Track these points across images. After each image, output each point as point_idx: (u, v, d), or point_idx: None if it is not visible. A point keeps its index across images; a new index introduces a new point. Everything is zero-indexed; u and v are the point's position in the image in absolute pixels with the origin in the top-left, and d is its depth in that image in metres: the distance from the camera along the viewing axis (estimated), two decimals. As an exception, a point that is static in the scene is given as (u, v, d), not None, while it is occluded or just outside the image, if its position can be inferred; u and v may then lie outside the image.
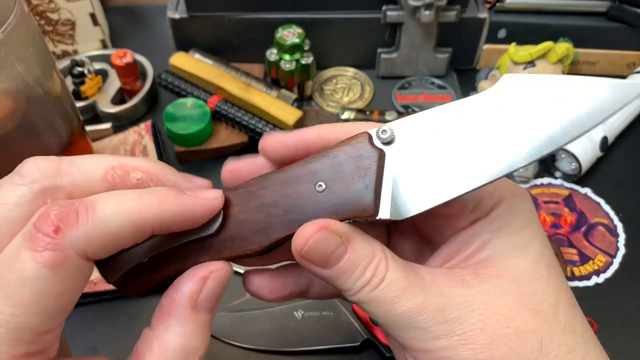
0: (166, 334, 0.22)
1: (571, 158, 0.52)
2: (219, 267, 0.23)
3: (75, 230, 0.19)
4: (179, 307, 0.22)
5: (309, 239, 0.22)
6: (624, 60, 0.61)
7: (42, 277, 0.19)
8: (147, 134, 0.54)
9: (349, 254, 0.23)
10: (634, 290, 0.46)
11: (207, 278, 0.23)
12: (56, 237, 0.19)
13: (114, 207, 0.20)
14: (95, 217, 0.20)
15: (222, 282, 0.23)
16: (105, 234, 0.20)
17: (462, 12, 0.58)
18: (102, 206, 0.20)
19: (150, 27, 0.69)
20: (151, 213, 0.21)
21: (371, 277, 0.23)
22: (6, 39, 0.29)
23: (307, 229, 0.22)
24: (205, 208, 0.23)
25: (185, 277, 0.23)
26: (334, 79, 0.62)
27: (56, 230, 0.19)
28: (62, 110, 0.35)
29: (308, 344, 0.41)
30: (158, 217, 0.21)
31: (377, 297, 0.23)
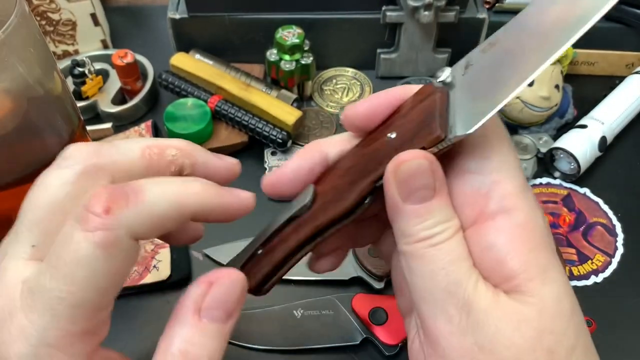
0: (169, 336, 0.22)
1: (570, 158, 0.52)
2: (225, 274, 0.23)
3: (125, 211, 0.20)
4: (183, 311, 0.23)
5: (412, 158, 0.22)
6: (623, 61, 0.61)
7: (95, 256, 0.20)
8: (147, 133, 0.54)
9: (433, 202, 0.22)
10: (633, 290, 0.46)
11: (213, 283, 0.23)
12: (107, 217, 0.20)
13: (160, 191, 0.22)
14: (143, 200, 0.21)
15: (228, 289, 0.23)
16: (152, 216, 0.21)
17: (462, 12, 0.58)
18: (149, 189, 0.21)
19: (150, 27, 0.70)
20: (193, 199, 0.22)
21: (437, 234, 0.22)
22: (7, 39, 0.29)
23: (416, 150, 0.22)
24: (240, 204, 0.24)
25: (195, 281, 0.23)
26: (333, 79, 0.62)
27: (107, 210, 0.20)
28: (62, 110, 0.36)
29: (307, 343, 0.41)
30: (199, 203, 0.23)
31: (430, 255, 0.22)
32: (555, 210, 0.51)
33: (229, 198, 0.24)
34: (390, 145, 0.24)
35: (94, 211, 0.20)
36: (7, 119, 0.32)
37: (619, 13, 0.59)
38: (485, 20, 0.59)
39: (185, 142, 0.26)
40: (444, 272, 0.22)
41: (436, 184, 0.22)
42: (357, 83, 0.62)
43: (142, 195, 0.21)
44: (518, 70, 0.22)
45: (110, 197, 0.20)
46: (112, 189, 0.21)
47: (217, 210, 0.24)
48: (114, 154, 0.23)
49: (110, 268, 0.20)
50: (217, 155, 0.27)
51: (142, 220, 0.21)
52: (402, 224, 0.23)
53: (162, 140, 0.25)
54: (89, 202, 0.20)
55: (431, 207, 0.22)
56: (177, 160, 0.25)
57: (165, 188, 0.22)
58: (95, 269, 0.20)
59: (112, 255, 0.20)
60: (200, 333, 0.22)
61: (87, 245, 0.20)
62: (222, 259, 0.47)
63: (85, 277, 0.20)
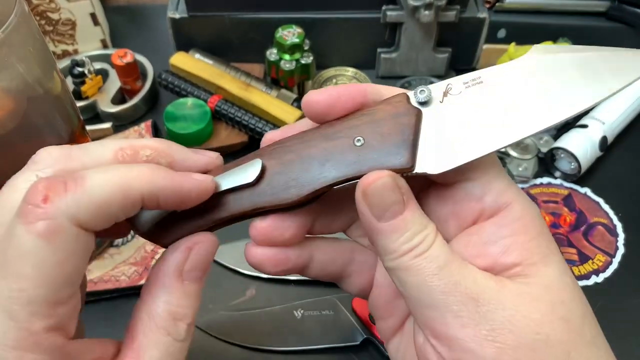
0: (154, 303, 0.23)
1: (570, 158, 0.52)
2: (204, 239, 0.24)
3: (63, 199, 0.20)
4: (165, 277, 0.23)
5: (378, 179, 0.23)
6: (624, 60, 0.61)
7: (38, 247, 0.19)
8: (147, 133, 0.54)
9: (405, 214, 0.23)
10: (633, 290, 0.46)
11: (192, 248, 0.24)
12: (45, 206, 0.19)
13: (102, 177, 0.21)
14: (83, 186, 0.20)
15: (207, 251, 0.24)
16: (94, 201, 0.20)
17: (462, 12, 0.58)
18: (91, 176, 0.21)
19: (150, 27, 0.70)
20: (138, 183, 0.21)
21: (418, 244, 0.23)
22: (7, 38, 0.29)
23: (379, 171, 0.23)
24: (194, 185, 0.23)
25: (171, 248, 0.24)
26: (333, 79, 0.62)
27: (44, 199, 0.19)
28: (62, 110, 0.35)
29: (308, 343, 0.41)
30: (146, 187, 0.22)
31: (417, 266, 0.23)
32: (556, 210, 0.51)
33: (180, 180, 0.23)
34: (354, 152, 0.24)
35: (32, 202, 0.19)
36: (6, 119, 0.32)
37: (619, 13, 0.59)
38: (486, 20, 0.59)
39: (161, 141, 0.25)
40: (436, 277, 0.23)
41: (404, 197, 0.23)
42: (357, 82, 0.62)
43: (82, 181, 0.20)
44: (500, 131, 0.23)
45: (47, 185, 0.20)
46: (51, 178, 0.20)
47: (168, 193, 0.22)
48: (84, 157, 0.23)
49: (58, 259, 0.20)
50: (196, 151, 0.26)
51: (84, 206, 0.20)
52: (382, 242, 0.24)
53: (136, 141, 0.24)
54: (27, 193, 0.20)
55: (405, 219, 0.23)
56: (152, 160, 0.24)
57: (108, 173, 0.21)
58: (41, 261, 0.19)
59: (57, 245, 0.19)
60: (184, 294, 0.23)
61: (29, 237, 0.19)
62: (221, 258, 0.47)
63: (34, 272, 0.19)
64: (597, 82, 0.23)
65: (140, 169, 0.22)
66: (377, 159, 0.24)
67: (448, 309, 0.22)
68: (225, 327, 0.42)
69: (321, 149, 0.25)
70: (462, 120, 0.24)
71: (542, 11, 0.60)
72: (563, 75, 0.24)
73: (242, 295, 0.45)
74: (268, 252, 0.27)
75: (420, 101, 0.24)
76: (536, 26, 0.59)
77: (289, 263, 0.27)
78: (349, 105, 0.25)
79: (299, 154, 0.25)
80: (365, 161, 0.24)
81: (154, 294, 0.23)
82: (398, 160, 0.23)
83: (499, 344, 0.22)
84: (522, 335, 0.22)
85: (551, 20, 0.59)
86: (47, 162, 0.22)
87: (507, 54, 0.55)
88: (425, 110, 0.24)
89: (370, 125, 0.24)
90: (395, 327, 0.29)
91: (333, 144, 0.25)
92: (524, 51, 0.54)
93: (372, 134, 0.24)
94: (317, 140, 0.25)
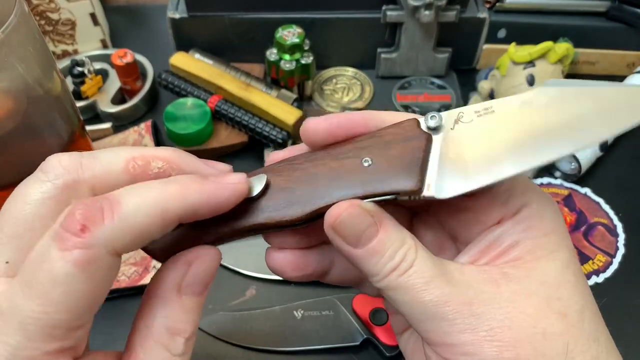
0: (151, 316, 0.22)
1: (571, 158, 0.52)
2: (204, 252, 0.24)
3: (102, 228, 0.20)
4: (164, 291, 0.23)
5: (343, 212, 0.23)
6: (624, 60, 0.61)
7: (72, 275, 0.19)
8: (147, 133, 0.54)
9: (380, 235, 0.23)
10: (634, 290, 0.46)
11: (192, 263, 0.23)
12: (84, 235, 0.19)
13: (138, 201, 0.21)
14: (120, 213, 0.20)
15: (207, 266, 0.23)
16: (132, 228, 0.20)
17: (462, 12, 0.58)
18: (126, 201, 0.20)
19: (150, 26, 0.70)
20: (175, 202, 0.21)
21: (400, 262, 0.23)
22: (6, 38, 0.29)
23: (341, 203, 0.23)
24: (230, 193, 0.23)
25: (170, 262, 0.23)
26: (333, 79, 0.62)
27: (83, 229, 0.19)
28: (62, 110, 0.35)
29: (308, 344, 0.41)
30: (182, 205, 0.21)
31: (404, 283, 0.23)
32: (556, 210, 0.51)
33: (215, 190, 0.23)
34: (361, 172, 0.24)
35: (70, 229, 0.19)
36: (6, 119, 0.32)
37: (619, 12, 0.59)
38: (486, 20, 0.59)
39: (172, 151, 0.24)
40: (425, 292, 0.23)
41: (375, 219, 0.23)
42: (357, 83, 0.62)
43: (118, 207, 0.20)
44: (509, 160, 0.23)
45: (85, 213, 0.20)
46: (88, 204, 0.20)
47: (204, 206, 0.22)
48: (96, 166, 0.22)
49: (88, 287, 0.20)
50: (206, 162, 0.25)
51: (121, 234, 0.20)
52: (365, 267, 0.24)
53: (148, 150, 0.24)
54: (65, 219, 0.20)
55: (382, 240, 0.23)
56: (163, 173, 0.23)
57: (143, 196, 0.21)
58: (72, 289, 0.19)
59: (90, 274, 0.19)
60: (182, 309, 0.23)
61: (64, 265, 0.19)
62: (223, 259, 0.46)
63: (61, 298, 0.19)
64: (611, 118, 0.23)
65: (174, 187, 0.22)
66: (384, 181, 0.24)
67: (443, 318, 0.22)
68: (225, 327, 0.42)
69: (328, 168, 0.25)
70: (472, 148, 0.24)
71: (542, 11, 0.59)
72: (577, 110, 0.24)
73: (242, 295, 0.45)
74: (289, 256, 0.27)
75: (431, 127, 0.24)
76: (536, 26, 0.59)
77: (309, 268, 0.28)
78: (349, 134, 0.25)
79: (306, 171, 0.25)
80: (373, 182, 0.24)
81: (152, 307, 0.23)
82: (406, 183, 0.23)
83: (499, 342, 0.22)
84: (520, 330, 0.22)
85: (551, 20, 0.59)
86: (58, 171, 0.22)
87: (507, 54, 0.55)
88: (435, 136, 0.24)
89: (379, 147, 0.24)
90: (406, 323, 0.29)
91: (341, 164, 0.25)
92: (524, 51, 0.54)
93: (381, 155, 0.24)
94: (325, 159, 0.25)
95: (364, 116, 0.26)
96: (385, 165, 0.24)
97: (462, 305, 0.22)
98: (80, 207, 0.20)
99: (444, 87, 0.61)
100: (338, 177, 0.24)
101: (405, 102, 0.60)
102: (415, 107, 0.59)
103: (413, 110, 0.59)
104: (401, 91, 0.61)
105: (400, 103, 0.60)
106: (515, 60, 0.54)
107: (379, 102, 0.60)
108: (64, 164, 0.22)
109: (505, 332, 0.22)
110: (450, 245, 0.29)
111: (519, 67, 0.54)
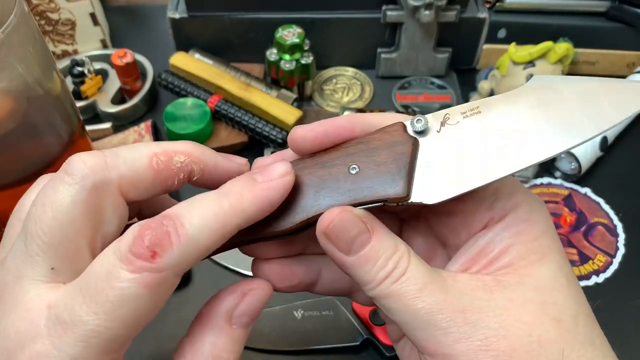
0: (200, 342, 0.23)
1: (571, 158, 0.52)
2: (260, 286, 0.24)
3: (171, 254, 0.20)
4: (216, 318, 0.23)
5: (335, 217, 0.23)
6: (624, 60, 0.61)
7: (140, 296, 0.20)
8: (147, 133, 0.54)
9: (372, 242, 0.23)
10: (634, 290, 0.46)
11: (247, 294, 0.24)
12: (154, 261, 0.20)
13: (200, 222, 0.21)
14: (185, 236, 0.20)
15: (261, 299, 0.24)
16: (197, 250, 0.21)
17: (462, 12, 0.58)
18: (189, 222, 0.21)
19: (150, 26, 0.69)
20: (233, 217, 0.22)
21: (393, 269, 0.23)
22: (6, 39, 0.29)
23: (333, 209, 0.23)
24: (281, 189, 0.23)
25: (227, 289, 0.24)
26: (333, 79, 0.62)
27: (153, 255, 0.20)
28: (62, 110, 0.35)
29: (308, 344, 0.41)
30: (241, 217, 0.22)
31: (397, 291, 0.23)
32: (556, 211, 0.51)
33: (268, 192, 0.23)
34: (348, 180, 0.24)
35: (140, 255, 0.20)
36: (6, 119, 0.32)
37: (619, 12, 0.59)
38: (486, 20, 0.59)
39: (192, 145, 0.24)
40: (419, 300, 0.22)
41: (367, 226, 0.23)
42: (357, 82, 0.62)
43: (183, 231, 0.20)
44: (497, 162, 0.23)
45: (153, 239, 0.20)
46: (154, 227, 0.20)
47: (260, 211, 0.23)
48: (121, 165, 0.22)
49: (152, 306, 0.20)
50: (224, 156, 0.26)
51: (188, 257, 0.21)
52: (358, 275, 0.24)
53: (169, 145, 0.24)
54: (134, 244, 0.20)
55: (375, 247, 0.23)
56: (186, 167, 0.24)
57: (205, 212, 0.21)
58: (139, 308, 0.20)
59: (156, 294, 0.20)
60: (231, 339, 0.23)
61: (135, 287, 0.20)
62: (221, 259, 0.46)
63: (127, 316, 0.20)
64: (598, 114, 0.23)
65: (231, 199, 0.22)
66: (372, 188, 0.24)
67: (437, 327, 0.22)
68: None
69: (316, 177, 0.24)
70: (459, 151, 0.24)
71: (542, 11, 0.59)
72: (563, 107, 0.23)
73: (242, 295, 0.45)
74: (276, 266, 0.27)
75: (417, 130, 0.24)
76: (536, 26, 0.59)
77: (295, 279, 0.27)
78: (336, 141, 0.25)
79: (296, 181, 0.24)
80: (360, 190, 0.24)
81: (202, 333, 0.23)
82: (393, 189, 0.23)
83: (494, 352, 0.22)
84: (515, 339, 0.22)
85: (551, 20, 0.59)
86: (84, 172, 0.21)
87: (507, 54, 0.55)
88: (422, 139, 0.24)
89: (365, 153, 0.24)
90: (401, 331, 0.29)
91: (328, 172, 0.24)
92: (524, 51, 0.54)
93: (368, 162, 0.24)
94: (312, 168, 0.25)
95: (350, 121, 0.25)
96: (372, 172, 0.24)
97: (456, 313, 0.22)
98: (147, 231, 0.20)
99: (444, 87, 0.61)
100: (326, 186, 0.24)
101: (405, 102, 0.60)
102: (415, 107, 0.59)
103: (413, 110, 0.59)
104: (401, 91, 0.61)
105: (400, 103, 0.60)
106: (515, 60, 0.54)
107: (379, 102, 0.60)
108: (90, 165, 0.22)
109: (501, 341, 0.22)
110: (440, 251, 0.28)
111: (519, 67, 0.54)
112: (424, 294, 0.22)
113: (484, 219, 0.25)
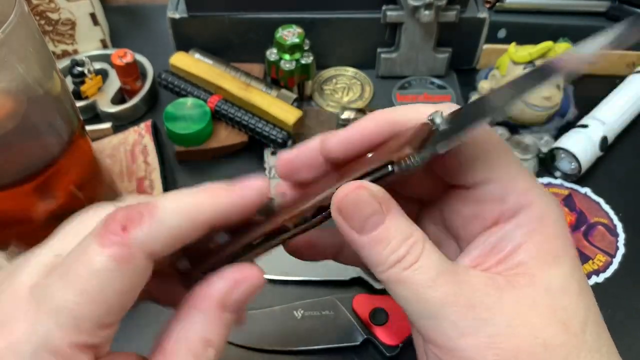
0: (190, 324, 0.23)
1: (571, 158, 0.52)
2: (254, 274, 0.24)
3: (140, 229, 0.21)
4: (209, 303, 0.23)
5: (350, 192, 0.23)
6: (624, 60, 0.61)
7: (108, 270, 0.20)
8: (147, 133, 0.54)
9: (387, 223, 0.23)
10: (634, 290, 0.46)
11: (241, 282, 0.24)
12: (124, 234, 0.21)
13: (173, 205, 0.22)
14: (157, 216, 0.21)
15: (254, 288, 0.24)
16: (168, 231, 0.21)
17: (462, 12, 0.58)
18: (163, 205, 0.22)
19: (150, 26, 0.69)
20: (206, 206, 0.23)
21: (405, 254, 0.22)
22: (6, 39, 0.29)
23: (349, 184, 0.23)
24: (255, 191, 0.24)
25: (220, 275, 0.24)
26: (333, 79, 0.62)
27: (123, 228, 0.21)
28: (62, 110, 0.35)
29: (308, 344, 0.41)
30: (213, 209, 0.23)
31: (409, 278, 0.22)
32: (556, 210, 0.51)
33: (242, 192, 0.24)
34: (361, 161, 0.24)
35: (111, 229, 0.21)
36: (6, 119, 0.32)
37: (619, 12, 0.59)
38: (486, 20, 0.59)
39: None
40: (431, 289, 0.22)
41: (382, 207, 0.23)
42: (357, 82, 0.62)
43: (156, 211, 0.21)
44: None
45: (126, 215, 0.21)
46: (129, 208, 0.21)
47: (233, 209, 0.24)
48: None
49: (122, 285, 0.21)
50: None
51: (156, 237, 0.21)
52: (368, 255, 0.23)
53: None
54: (106, 219, 0.21)
55: (388, 229, 0.23)
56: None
57: (179, 201, 0.22)
58: (107, 284, 0.20)
59: (125, 273, 0.20)
60: (221, 323, 0.23)
61: (102, 259, 0.20)
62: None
63: (95, 290, 0.20)
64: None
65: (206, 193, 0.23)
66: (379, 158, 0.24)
67: (446, 319, 0.22)
68: (225, 327, 0.42)
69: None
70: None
71: (542, 11, 0.59)
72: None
73: (242, 295, 0.45)
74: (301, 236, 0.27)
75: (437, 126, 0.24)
76: (536, 26, 0.59)
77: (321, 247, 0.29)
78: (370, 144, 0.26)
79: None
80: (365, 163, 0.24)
81: (192, 316, 0.23)
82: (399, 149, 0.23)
83: (499, 350, 0.22)
84: (521, 340, 0.22)
85: (551, 20, 0.59)
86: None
87: (507, 54, 0.55)
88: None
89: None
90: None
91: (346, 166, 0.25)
92: (524, 51, 0.54)
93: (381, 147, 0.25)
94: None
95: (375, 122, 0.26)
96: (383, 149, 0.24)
97: (466, 307, 0.22)
98: (121, 210, 0.21)
99: (444, 87, 0.61)
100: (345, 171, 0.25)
101: (405, 102, 0.60)
102: (415, 107, 0.59)
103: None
104: (401, 91, 0.61)
105: (400, 103, 0.60)
106: (515, 60, 0.54)
107: (379, 102, 0.60)
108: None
109: (507, 341, 0.22)
110: (452, 243, 0.28)
111: (519, 67, 0.54)
112: (437, 283, 0.22)
113: (495, 213, 0.24)
